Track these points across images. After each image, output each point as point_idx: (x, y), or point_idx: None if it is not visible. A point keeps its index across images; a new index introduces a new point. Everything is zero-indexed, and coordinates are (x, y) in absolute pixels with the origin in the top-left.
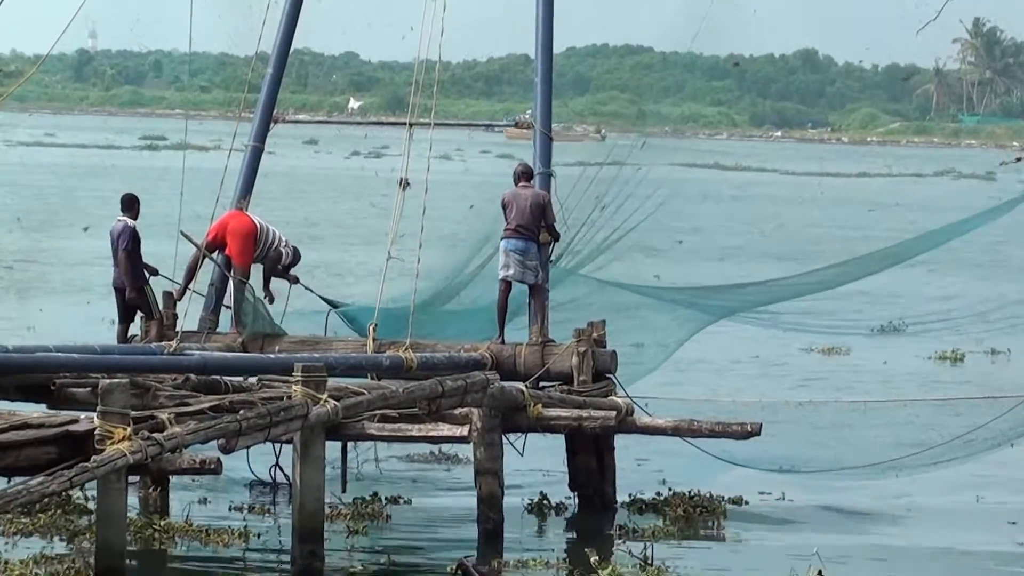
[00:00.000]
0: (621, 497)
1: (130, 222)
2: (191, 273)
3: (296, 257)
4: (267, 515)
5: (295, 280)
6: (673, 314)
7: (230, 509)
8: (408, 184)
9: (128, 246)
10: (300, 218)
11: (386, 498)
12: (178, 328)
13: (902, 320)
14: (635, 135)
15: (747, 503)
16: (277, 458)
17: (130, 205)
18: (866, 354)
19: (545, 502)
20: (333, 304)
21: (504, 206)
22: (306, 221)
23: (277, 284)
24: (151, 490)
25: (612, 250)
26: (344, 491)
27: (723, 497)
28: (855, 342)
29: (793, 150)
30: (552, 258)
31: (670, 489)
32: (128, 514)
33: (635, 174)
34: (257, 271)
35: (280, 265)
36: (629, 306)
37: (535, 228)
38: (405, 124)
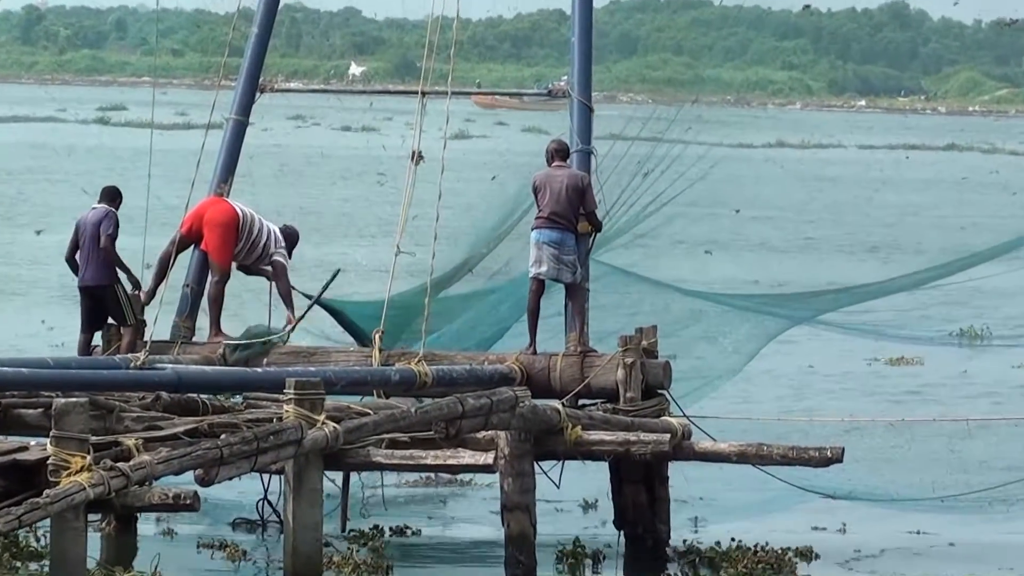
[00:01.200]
0: (676, 538)
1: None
2: (162, 271)
3: (290, 238)
4: (254, 560)
5: (287, 300)
6: (743, 319)
7: (210, 554)
8: (422, 158)
9: (112, 232)
10: (295, 205)
11: (391, 530)
12: (146, 337)
13: (986, 327)
14: (688, 104)
15: (818, 557)
16: (266, 491)
17: (112, 198)
18: (941, 363)
19: (585, 544)
20: (332, 310)
21: (535, 190)
22: (302, 210)
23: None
24: (115, 531)
25: (655, 217)
26: (344, 530)
27: (790, 549)
28: (927, 350)
29: (878, 122)
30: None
31: (733, 540)
32: (87, 560)
33: (683, 147)
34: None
35: (263, 267)
36: (685, 309)
37: (572, 216)
38: (417, 93)
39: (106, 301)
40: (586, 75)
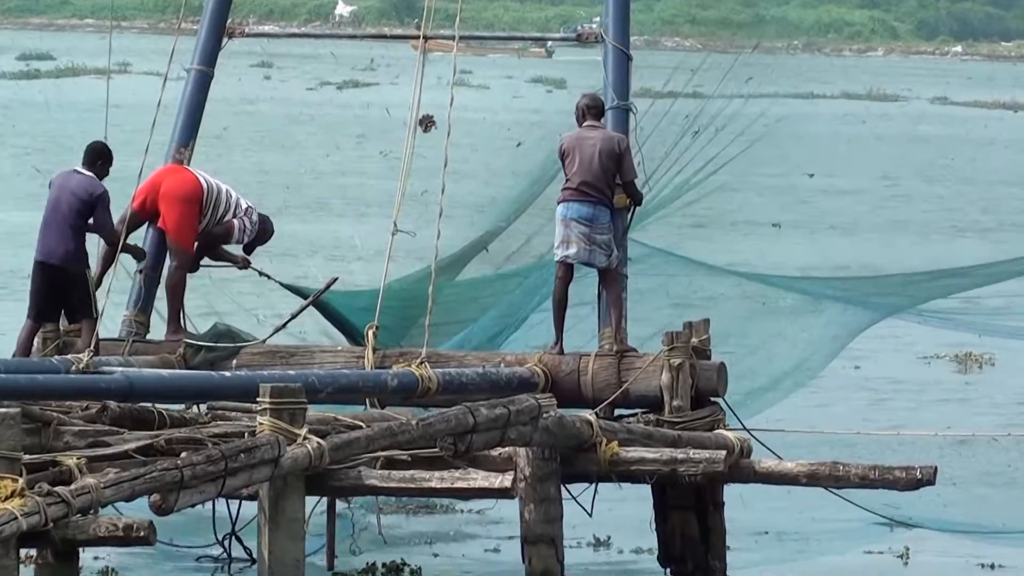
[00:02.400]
0: None
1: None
2: (110, 255)
3: (264, 232)
4: None
5: (244, 263)
6: (820, 311)
7: None
8: (433, 123)
9: (109, 222)
10: (276, 181)
11: (386, 567)
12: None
13: None
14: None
15: None
16: (233, 523)
17: (96, 161)
18: (1017, 362)
19: None
20: (300, 292)
21: (562, 155)
22: (283, 185)
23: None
24: (53, 568)
25: (705, 185)
26: (331, 568)
27: None
28: (998, 345)
29: (979, 71)
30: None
31: None
32: None
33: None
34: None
35: (233, 242)
36: (744, 299)
37: (607, 187)
38: (418, 37)
39: (67, 287)
40: (623, 15)
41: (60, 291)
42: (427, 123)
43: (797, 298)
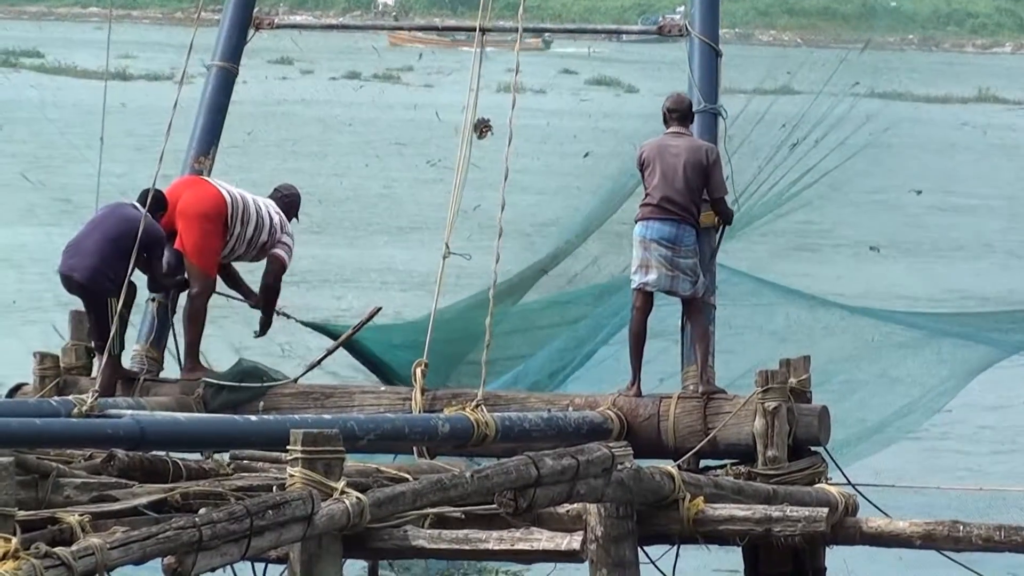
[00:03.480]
0: None
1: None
2: (164, 291)
3: (292, 207)
4: None
5: (258, 301)
6: (933, 348)
7: None
8: (489, 128)
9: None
10: (307, 196)
11: None
12: (94, 372)
13: None
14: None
15: None
16: None
17: (159, 211)
18: None
19: None
20: (329, 332)
21: (642, 166)
22: (314, 198)
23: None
24: None
25: (796, 200)
26: None
27: None
28: None
29: None
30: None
31: None
32: None
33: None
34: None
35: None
36: (846, 332)
37: (693, 204)
38: (473, 29)
39: (88, 307)
40: (711, 5)
41: (100, 312)
42: (483, 128)
43: (907, 334)
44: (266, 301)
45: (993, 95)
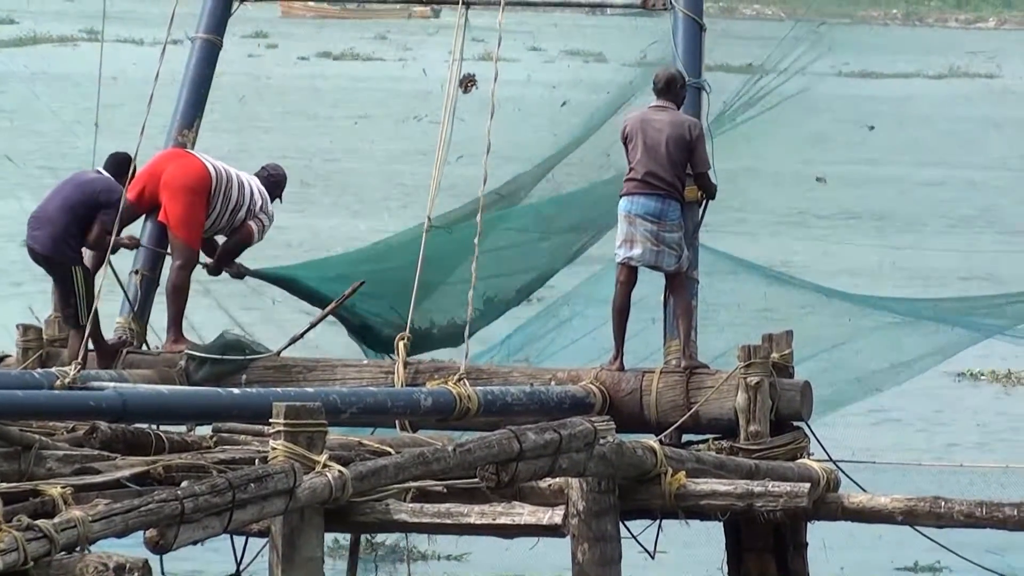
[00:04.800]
0: None
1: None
2: (102, 253)
3: (278, 185)
4: None
5: (240, 271)
6: (911, 332)
7: None
8: (474, 83)
9: (111, 226)
10: (299, 164)
11: None
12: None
13: None
14: (839, 22)
15: None
16: (239, 565)
17: (124, 173)
18: None
19: None
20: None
21: (625, 139)
22: (309, 169)
23: None
24: None
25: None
26: None
27: None
28: None
29: None
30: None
31: None
32: None
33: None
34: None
35: (252, 244)
36: (825, 307)
37: (677, 178)
38: (458, 3)
39: (55, 279)
40: None
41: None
42: (467, 83)
43: (884, 317)
44: (219, 257)
45: (972, 69)
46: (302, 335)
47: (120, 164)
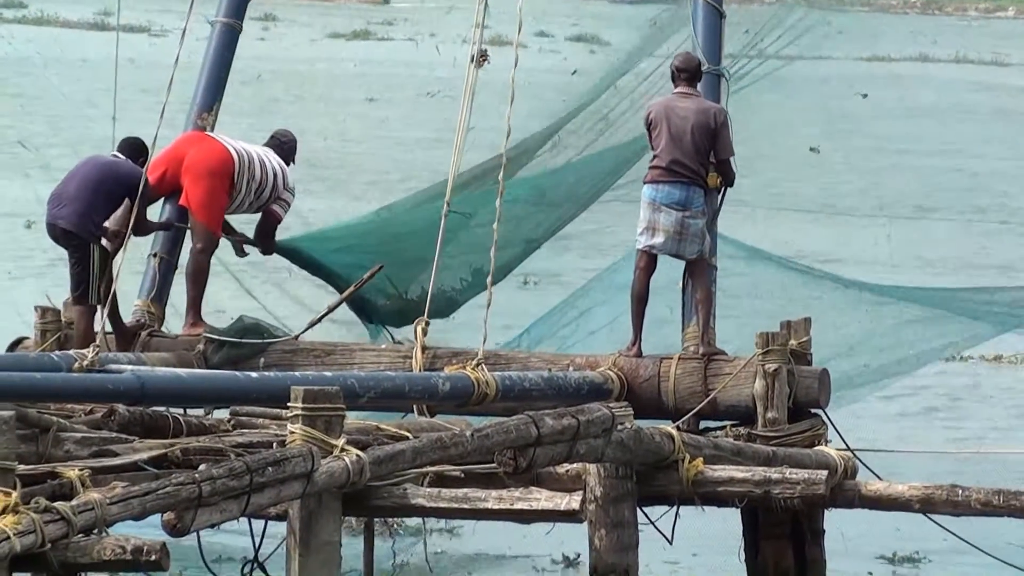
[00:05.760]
0: None
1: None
2: (120, 237)
3: (290, 151)
4: None
5: (243, 245)
6: (930, 323)
7: None
8: (486, 58)
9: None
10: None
11: None
12: (97, 327)
13: None
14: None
15: None
16: (256, 549)
17: (140, 156)
18: None
19: None
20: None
21: (649, 126)
22: (322, 151)
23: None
24: None
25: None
26: None
27: None
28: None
29: None
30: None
31: None
32: None
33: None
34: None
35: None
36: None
37: (701, 166)
38: None
39: (72, 255)
40: None
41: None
42: (481, 58)
43: (906, 308)
44: (265, 247)
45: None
46: (320, 319)
47: (135, 148)
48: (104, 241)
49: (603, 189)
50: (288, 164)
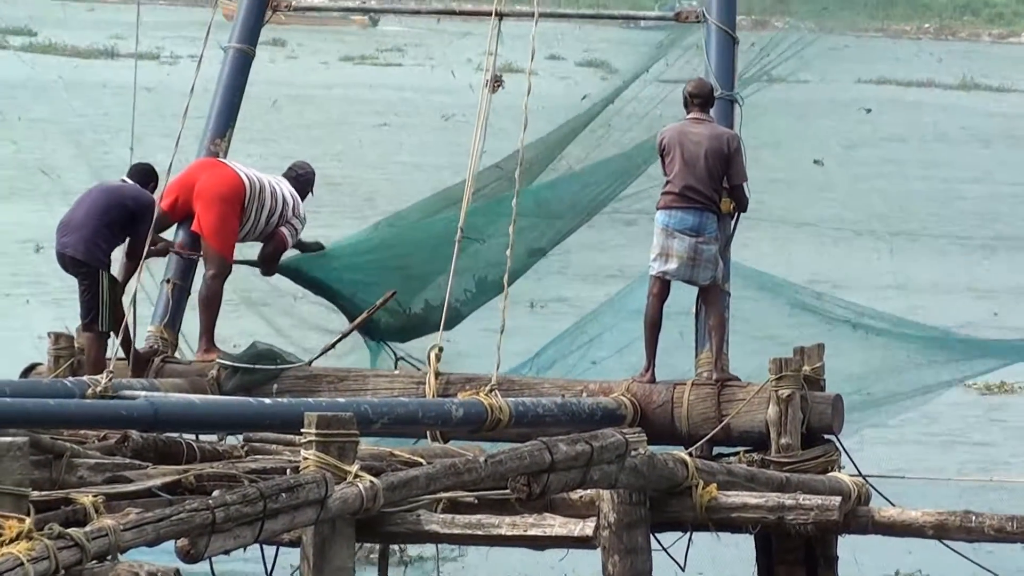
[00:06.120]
0: None
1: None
2: (134, 262)
3: (307, 184)
4: None
5: (270, 264)
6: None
7: None
8: (501, 83)
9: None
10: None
11: None
12: (109, 354)
13: None
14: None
15: None
16: (269, 574)
17: (149, 182)
18: None
19: None
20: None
21: (662, 152)
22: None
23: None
24: None
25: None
26: None
27: None
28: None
29: None
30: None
31: None
32: None
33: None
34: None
35: (285, 250)
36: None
37: (714, 191)
38: (490, 14)
39: (91, 283)
40: None
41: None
42: (496, 83)
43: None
44: (268, 270)
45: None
46: (332, 346)
47: (144, 174)
48: (119, 268)
49: (607, 199)
50: (304, 196)
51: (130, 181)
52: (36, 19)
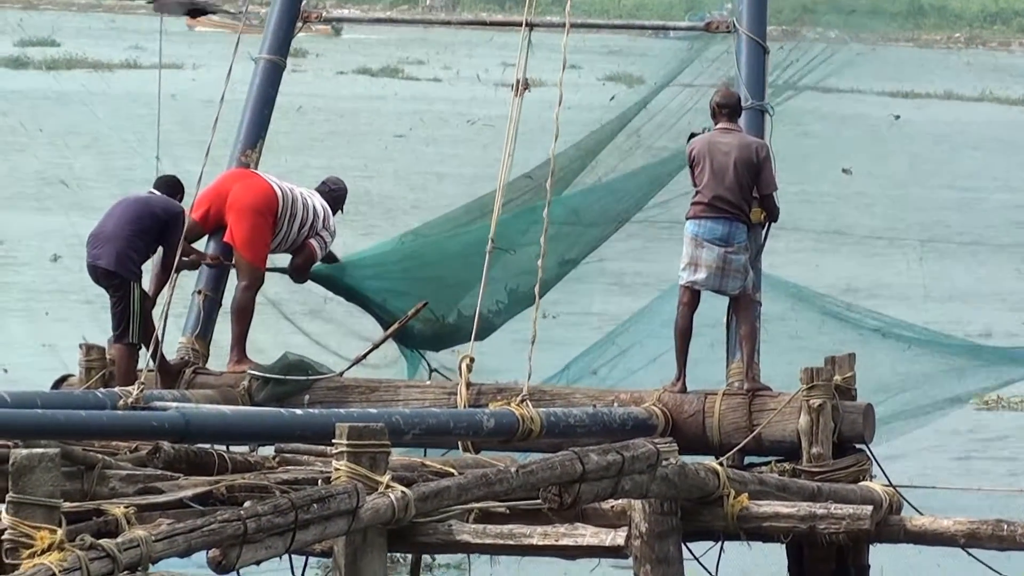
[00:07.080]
0: None
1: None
2: (166, 273)
3: (339, 200)
4: None
5: (300, 274)
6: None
7: None
8: (527, 88)
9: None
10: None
11: None
12: (141, 365)
13: None
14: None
15: None
16: None
17: (176, 193)
18: None
19: None
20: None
21: (691, 163)
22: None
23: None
24: None
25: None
26: None
27: None
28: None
29: None
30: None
31: None
32: None
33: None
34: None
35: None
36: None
37: (744, 201)
38: (520, 24)
39: (123, 294)
40: (759, 2)
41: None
42: (521, 88)
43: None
44: (299, 279)
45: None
46: (364, 356)
47: (171, 186)
48: (149, 281)
49: (638, 207)
50: (336, 212)
51: (157, 192)
52: (59, 30)
